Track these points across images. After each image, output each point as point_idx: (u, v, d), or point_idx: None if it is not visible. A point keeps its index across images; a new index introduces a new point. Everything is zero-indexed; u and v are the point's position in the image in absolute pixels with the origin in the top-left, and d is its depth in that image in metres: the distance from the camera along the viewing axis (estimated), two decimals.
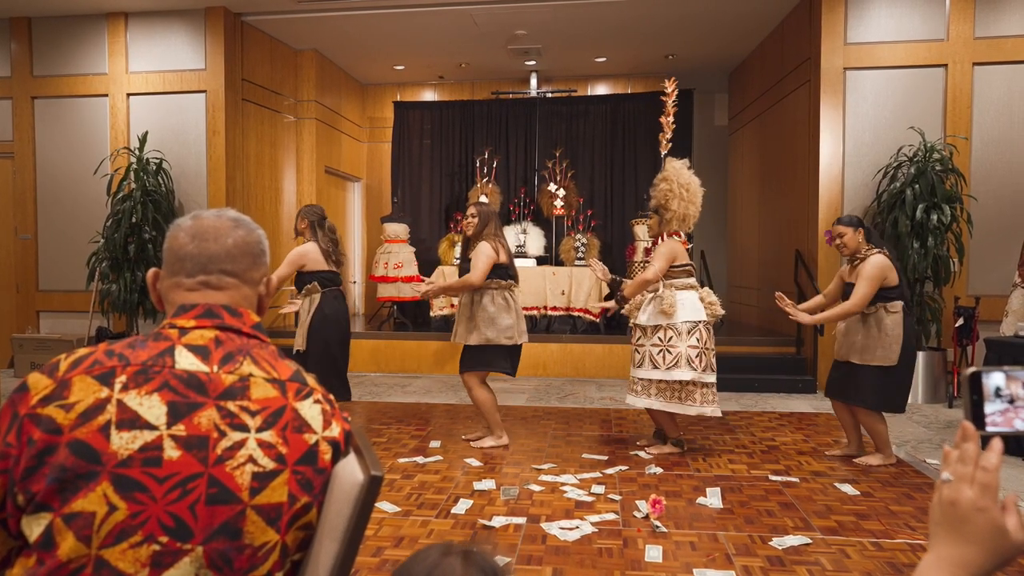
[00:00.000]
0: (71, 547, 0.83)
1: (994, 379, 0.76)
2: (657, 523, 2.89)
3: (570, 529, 2.84)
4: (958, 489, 0.72)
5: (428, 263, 7.94)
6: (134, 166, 6.46)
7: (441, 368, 6.96)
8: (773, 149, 7.62)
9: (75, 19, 6.94)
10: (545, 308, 7.29)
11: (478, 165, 7.91)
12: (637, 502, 3.12)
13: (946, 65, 5.95)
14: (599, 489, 3.34)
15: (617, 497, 3.24)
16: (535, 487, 3.39)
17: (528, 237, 7.85)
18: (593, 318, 7.17)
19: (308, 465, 0.96)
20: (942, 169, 5.58)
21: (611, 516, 2.99)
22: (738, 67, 8.74)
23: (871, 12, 6.06)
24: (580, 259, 7.44)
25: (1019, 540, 0.70)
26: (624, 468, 3.71)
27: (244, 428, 0.92)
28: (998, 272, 5.83)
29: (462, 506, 3.11)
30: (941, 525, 0.73)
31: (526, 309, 7.15)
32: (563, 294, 7.26)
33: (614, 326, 7.68)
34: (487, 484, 3.41)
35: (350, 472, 0.99)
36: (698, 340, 3.82)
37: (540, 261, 7.78)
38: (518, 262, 7.40)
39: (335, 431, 1.02)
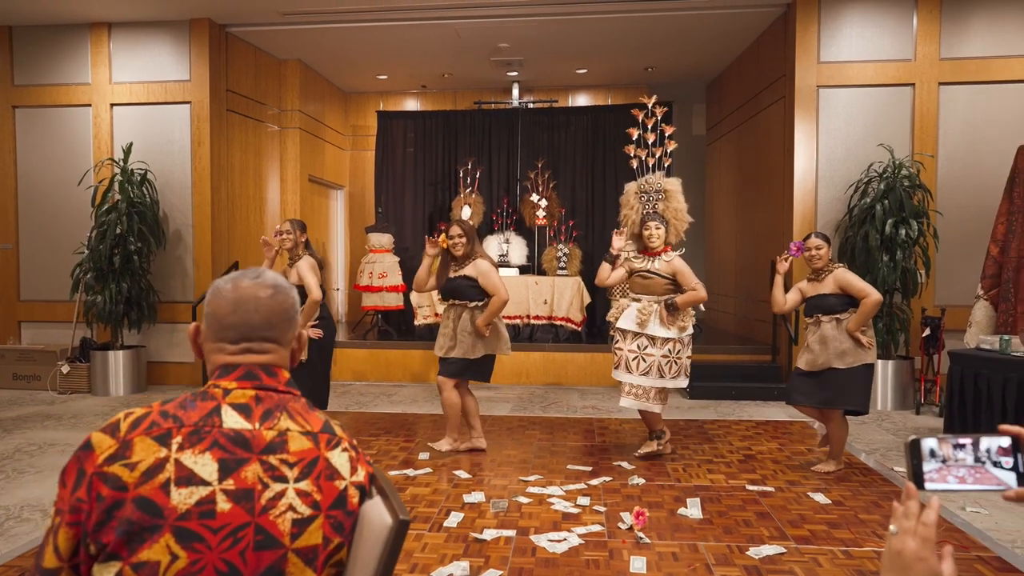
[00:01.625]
0: None
1: (928, 443, 0.91)
2: (641, 534, 3.03)
3: (558, 541, 2.96)
4: (903, 541, 0.86)
5: (412, 272, 7.98)
6: (118, 177, 6.47)
7: (426, 377, 7.06)
8: (749, 161, 7.83)
9: (57, 28, 6.92)
10: (528, 317, 7.42)
11: (461, 175, 8.01)
12: (622, 514, 3.26)
13: (914, 84, 6.19)
14: (584, 501, 3.47)
15: (602, 508, 3.38)
16: (523, 499, 3.51)
17: (511, 247, 7.97)
18: (575, 327, 7.32)
19: (339, 509, 1.08)
20: (910, 185, 5.81)
21: (597, 528, 3.13)
22: (716, 79, 8.95)
23: (843, 32, 6.28)
24: (562, 269, 7.58)
25: None
26: (608, 479, 3.85)
27: (284, 479, 1.04)
28: (963, 283, 6.08)
29: (454, 519, 3.23)
30: (890, 571, 0.86)
31: (509, 318, 7.28)
32: (545, 303, 7.39)
33: (595, 335, 7.84)
34: (477, 496, 3.53)
35: (379, 515, 1.11)
36: (691, 351, 4.16)
37: (522, 270, 7.91)
38: (502, 271, 7.55)
39: (360, 475, 1.14)
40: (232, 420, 1.05)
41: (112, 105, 6.92)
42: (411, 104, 9.59)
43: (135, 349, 6.56)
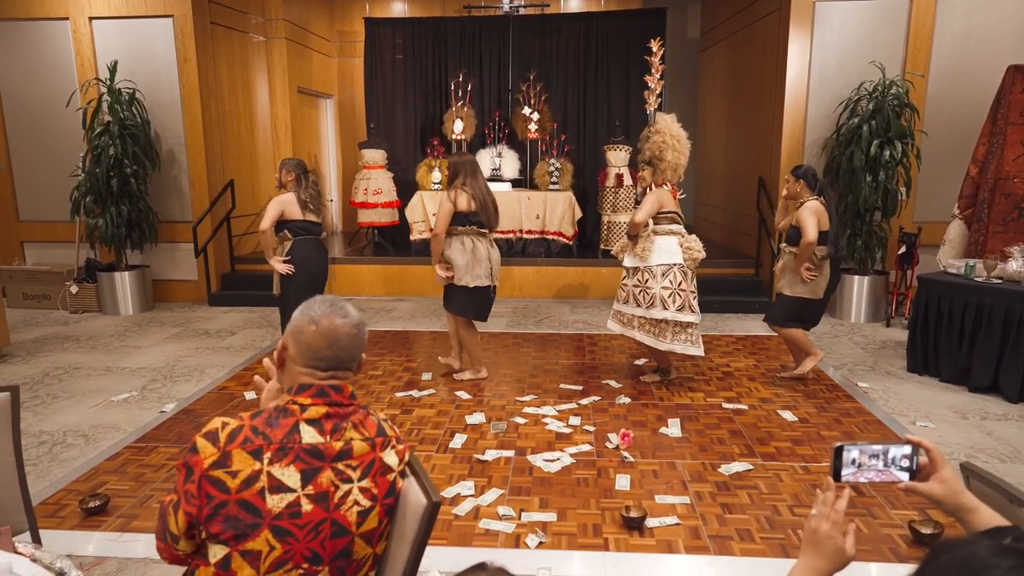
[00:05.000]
0: (247, 574, 1.23)
1: (851, 453, 1.17)
2: (626, 454, 3.40)
3: (552, 461, 3.34)
4: (819, 522, 1.14)
5: (406, 185, 8.09)
6: (106, 98, 6.40)
7: (422, 291, 7.32)
8: (742, 72, 7.77)
9: None
10: (520, 231, 7.61)
11: (452, 88, 7.92)
12: (609, 434, 3.63)
13: None
14: (576, 421, 3.84)
15: (591, 428, 3.75)
16: (520, 419, 3.87)
17: (503, 160, 8.02)
18: (566, 241, 7.54)
19: (391, 496, 1.36)
20: (898, 105, 5.87)
21: (587, 447, 3.50)
22: None
23: None
24: (554, 183, 7.68)
25: (852, 555, 1.13)
26: (597, 399, 4.21)
27: (350, 480, 1.31)
28: (942, 200, 6.29)
29: (458, 440, 3.59)
30: (808, 543, 1.15)
31: (502, 232, 7.47)
32: (537, 218, 7.57)
33: (586, 245, 8.07)
34: (478, 417, 3.89)
35: (415, 494, 1.38)
36: (671, 282, 4.21)
37: (515, 184, 8.01)
38: (494, 185, 7.63)
39: (403, 464, 1.41)
40: (309, 435, 1.30)
41: (91, 19, 6.71)
42: (398, 7, 9.28)
43: (140, 269, 6.75)
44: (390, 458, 1.37)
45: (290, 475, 1.26)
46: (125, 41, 6.71)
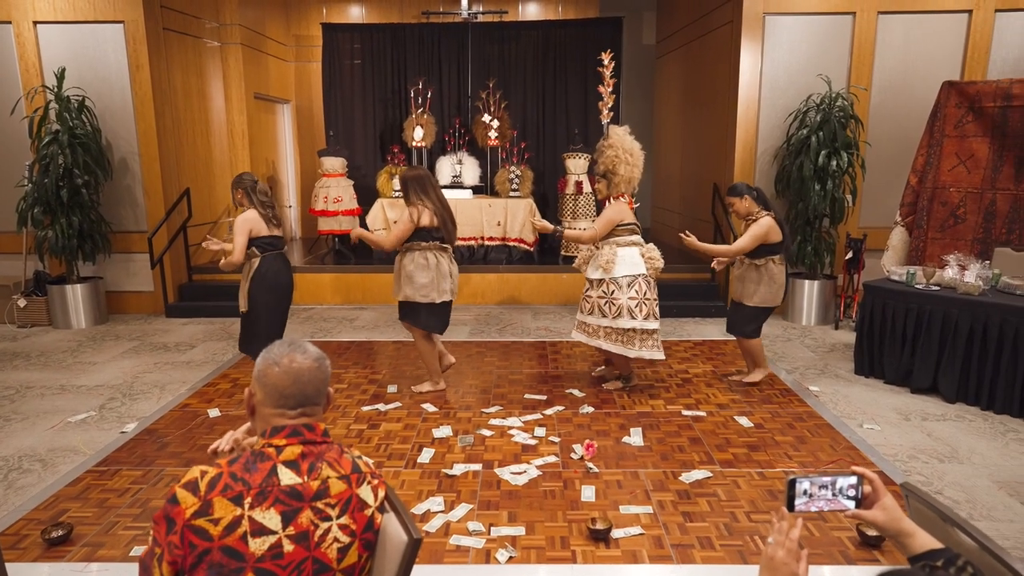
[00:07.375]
0: None
1: (803, 484, 1.28)
2: (590, 464, 3.50)
3: (519, 474, 3.41)
4: (775, 550, 1.24)
5: (365, 190, 8.07)
6: (53, 104, 6.22)
7: (384, 299, 7.31)
8: (696, 81, 7.97)
9: None
10: (482, 238, 7.67)
11: (412, 95, 7.92)
12: (573, 445, 3.72)
13: (854, 13, 6.36)
14: (541, 432, 3.92)
15: (556, 439, 3.83)
16: (486, 432, 3.94)
17: (464, 167, 8.06)
18: (528, 247, 7.63)
19: (369, 531, 1.41)
20: (843, 116, 6.12)
21: (552, 459, 3.58)
22: None
23: None
24: (515, 191, 7.76)
25: None
26: (561, 408, 4.30)
27: (329, 518, 1.35)
28: (885, 206, 6.58)
29: (426, 455, 3.63)
30: (764, 569, 1.25)
31: (464, 239, 7.52)
32: (499, 225, 7.63)
33: (547, 251, 8.17)
34: (445, 431, 3.94)
35: (395, 530, 1.44)
36: (637, 292, 4.33)
37: (476, 191, 8.06)
38: (456, 192, 7.66)
39: (379, 498, 1.46)
40: (287, 477, 1.34)
41: (36, 23, 6.50)
42: (355, 12, 9.23)
43: (92, 281, 6.58)
44: (366, 494, 1.43)
45: (271, 518, 1.30)
46: (73, 47, 6.53)
